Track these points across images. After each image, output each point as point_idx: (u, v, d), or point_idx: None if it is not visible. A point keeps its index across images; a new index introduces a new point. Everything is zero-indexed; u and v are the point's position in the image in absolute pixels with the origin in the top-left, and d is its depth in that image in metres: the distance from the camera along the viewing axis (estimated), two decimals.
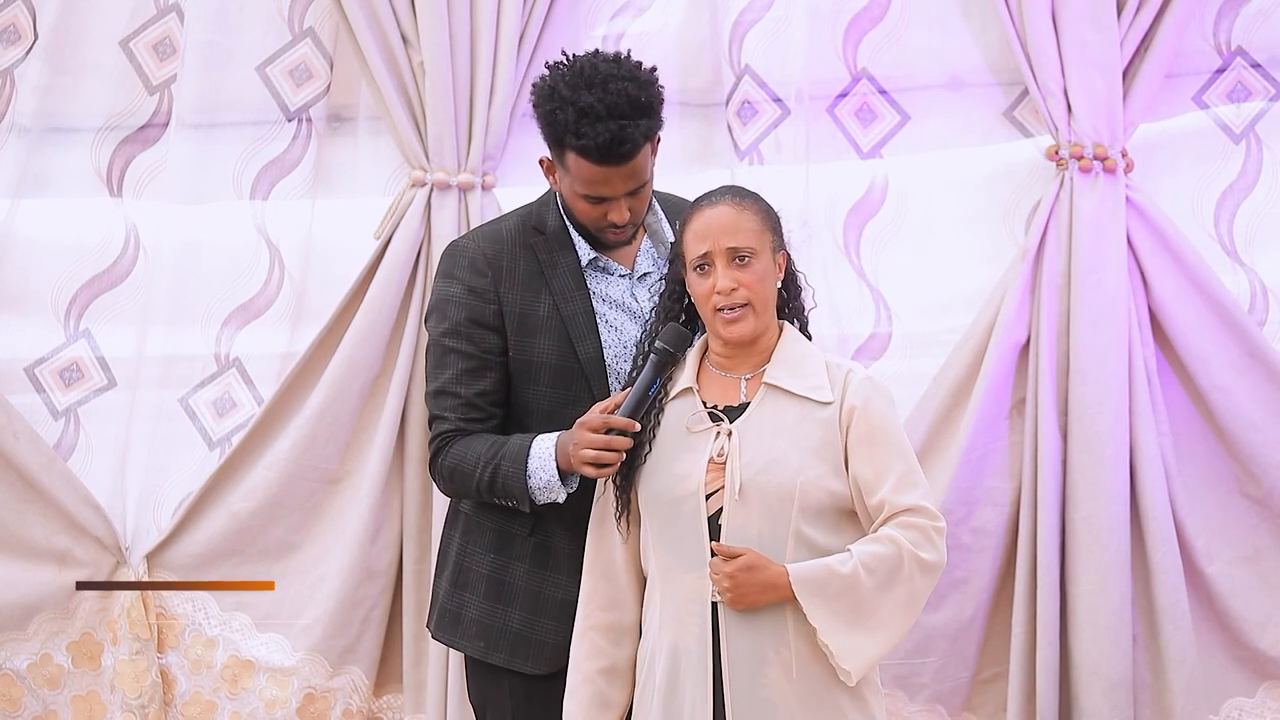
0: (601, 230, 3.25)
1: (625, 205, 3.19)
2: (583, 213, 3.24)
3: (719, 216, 3.06)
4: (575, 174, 3.17)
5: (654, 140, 3.19)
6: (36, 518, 4.36)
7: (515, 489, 3.19)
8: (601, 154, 3.10)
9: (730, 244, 3.04)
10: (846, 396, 3.05)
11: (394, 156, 4.42)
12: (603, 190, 3.17)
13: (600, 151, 3.09)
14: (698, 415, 3.09)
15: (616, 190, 3.17)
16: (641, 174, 3.17)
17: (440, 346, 3.32)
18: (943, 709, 4.21)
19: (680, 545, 3.05)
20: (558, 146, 3.17)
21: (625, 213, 3.20)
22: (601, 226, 3.24)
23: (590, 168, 3.13)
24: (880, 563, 2.97)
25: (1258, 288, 4.24)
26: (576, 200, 3.22)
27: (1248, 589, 4.12)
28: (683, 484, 3.05)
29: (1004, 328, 4.14)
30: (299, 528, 4.35)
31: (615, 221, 3.20)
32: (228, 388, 4.47)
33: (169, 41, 4.50)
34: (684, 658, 3.03)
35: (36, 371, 4.51)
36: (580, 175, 3.16)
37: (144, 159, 4.53)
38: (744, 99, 4.34)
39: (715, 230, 3.05)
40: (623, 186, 3.17)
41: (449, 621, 3.36)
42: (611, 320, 3.30)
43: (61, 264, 4.52)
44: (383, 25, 4.32)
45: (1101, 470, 4.07)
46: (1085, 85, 4.13)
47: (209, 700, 4.36)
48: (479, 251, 3.32)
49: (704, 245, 3.05)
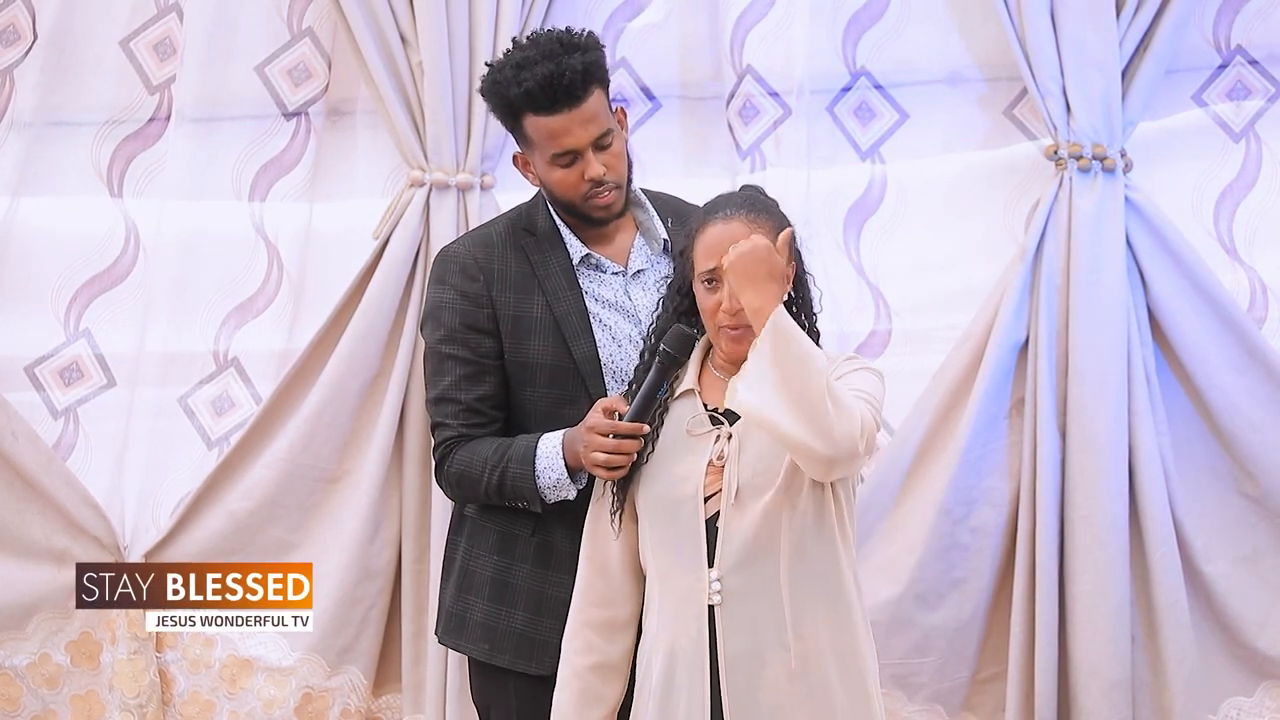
0: (587, 201, 3.24)
1: (597, 160, 3.20)
2: (561, 185, 3.23)
3: (732, 233, 3.02)
4: (537, 139, 3.19)
5: (604, 86, 3.21)
6: (35, 517, 4.36)
7: (525, 490, 3.19)
8: (547, 94, 3.13)
9: None
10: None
11: (393, 156, 4.42)
12: (566, 142, 3.18)
13: (544, 90, 3.13)
14: (698, 418, 3.08)
15: (580, 139, 3.18)
16: (600, 119, 3.19)
17: (437, 354, 3.32)
18: (941, 709, 4.21)
19: (678, 547, 3.05)
20: (512, 118, 3.21)
21: (599, 167, 3.20)
22: (585, 196, 3.23)
23: (546, 121, 3.16)
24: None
25: (1257, 286, 4.23)
26: (552, 174, 3.23)
27: (1246, 588, 4.11)
28: (682, 486, 3.05)
29: (1003, 327, 4.13)
30: (297, 527, 4.34)
31: (593, 177, 3.20)
32: (226, 387, 4.47)
33: (169, 41, 4.50)
34: (680, 659, 3.03)
35: (36, 370, 4.51)
36: (540, 134, 3.18)
37: (144, 158, 4.53)
38: (746, 98, 4.34)
39: (727, 247, 3.00)
40: (584, 134, 3.18)
41: (454, 625, 3.36)
42: (605, 319, 3.30)
43: (61, 263, 4.52)
44: (381, 25, 4.32)
45: (1100, 470, 4.06)
46: (1084, 84, 4.12)
47: (207, 700, 4.36)
48: (470, 256, 3.32)
49: (713, 261, 3.03)
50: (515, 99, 3.17)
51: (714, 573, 3.01)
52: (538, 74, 3.13)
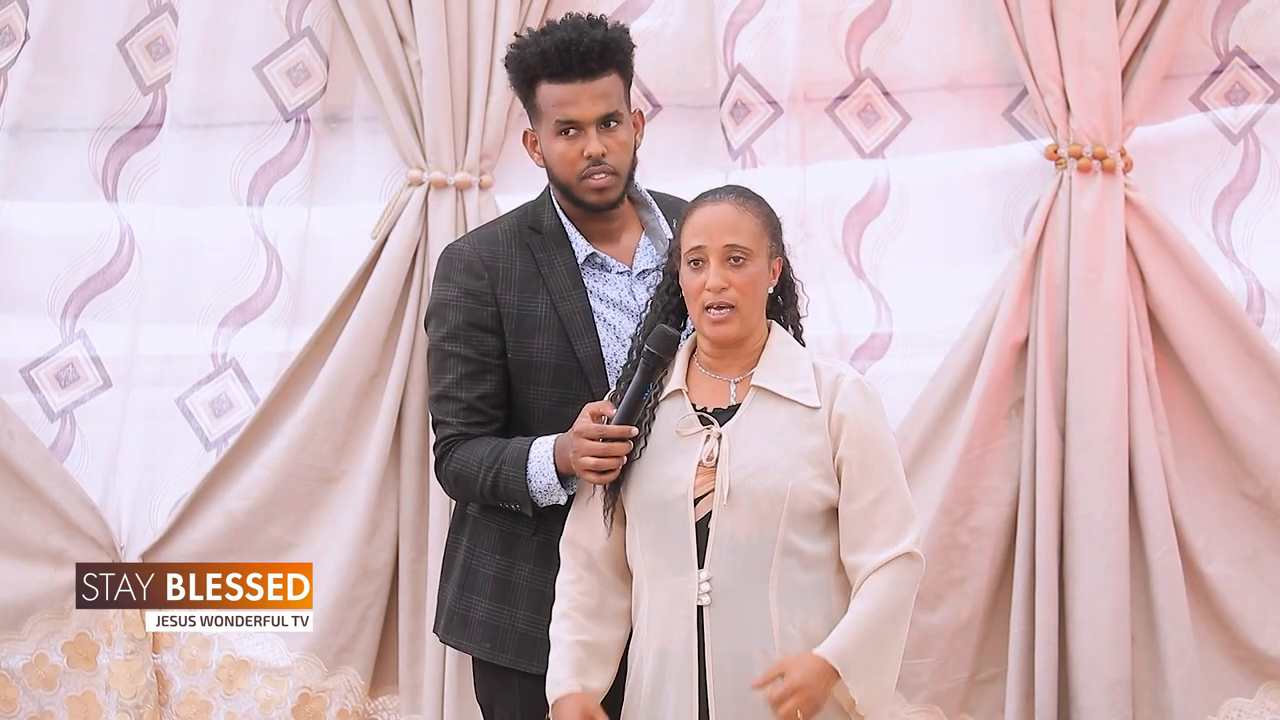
0: (582, 180, 3.24)
1: (599, 139, 3.20)
2: (560, 161, 3.23)
3: (720, 214, 3.05)
4: (544, 107, 3.22)
5: (624, 75, 3.25)
6: (32, 517, 4.35)
7: (517, 493, 3.19)
8: (562, 59, 3.17)
9: (727, 242, 3.03)
10: (835, 403, 3.04)
11: (391, 156, 4.42)
12: (571, 111, 3.19)
13: (560, 54, 3.17)
14: (687, 418, 3.08)
15: (585, 113, 3.19)
16: (610, 100, 3.21)
17: (440, 351, 3.31)
18: (940, 710, 4.20)
19: (668, 548, 3.04)
20: (527, 84, 3.24)
21: (599, 146, 3.20)
22: (580, 175, 3.23)
23: (557, 89, 3.19)
24: (892, 605, 3.00)
25: (1255, 288, 4.23)
26: (554, 147, 3.23)
27: (1246, 589, 4.11)
28: (672, 487, 3.04)
29: (1002, 327, 4.14)
30: (295, 527, 4.33)
31: (591, 154, 3.20)
32: (225, 388, 4.46)
33: (163, 41, 4.50)
34: (669, 661, 3.03)
35: (32, 373, 4.50)
36: (548, 101, 3.21)
37: (139, 159, 4.52)
38: (737, 98, 4.33)
39: (714, 227, 3.04)
40: (591, 109, 3.19)
41: (457, 624, 3.35)
42: (610, 319, 3.29)
43: (57, 265, 4.51)
44: (379, 24, 4.32)
45: (1100, 470, 4.06)
46: (1084, 83, 4.13)
47: (204, 700, 4.34)
48: (475, 254, 3.31)
49: (700, 240, 3.04)
50: (532, 60, 3.20)
51: (704, 573, 3.00)
52: (557, 38, 3.18)
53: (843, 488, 3.02)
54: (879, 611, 2.97)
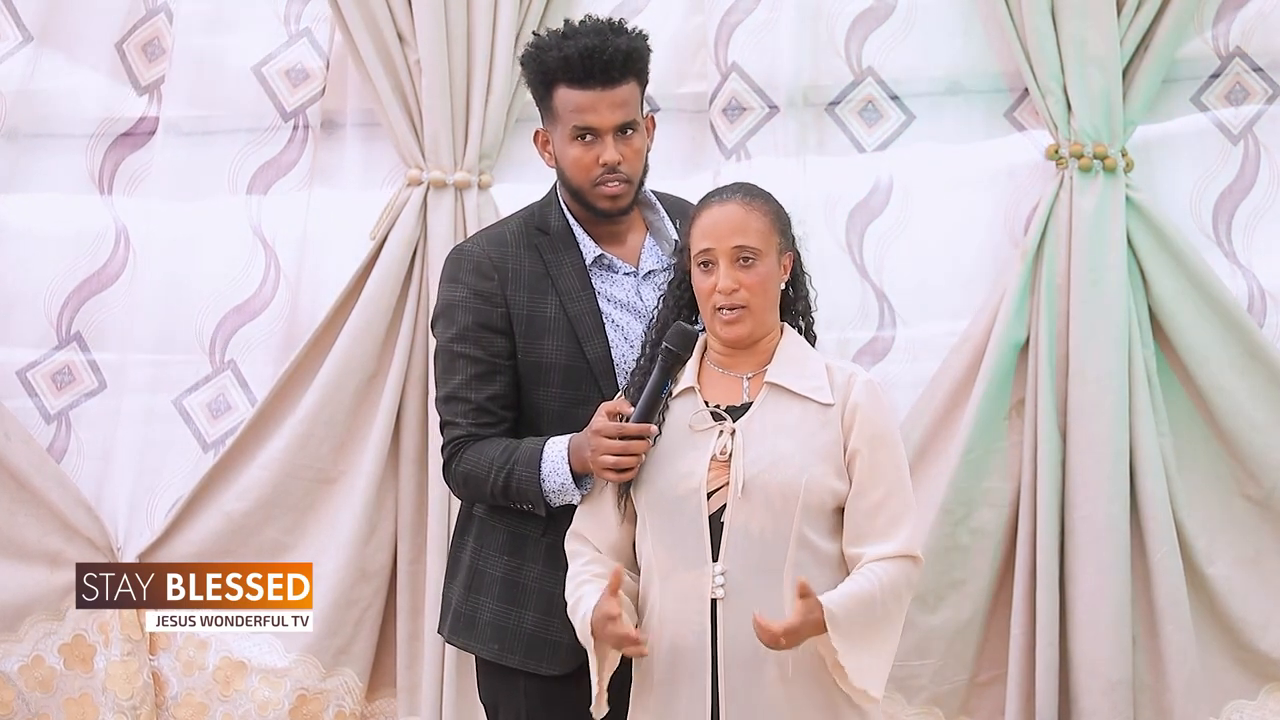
0: (595, 187, 3.23)
1: (615, 147, 3.20)
2: (575, 165, 3.22)
3: (727, 215, 3.05)
4: (562, 111, 3.20)
5: (641, 83, 3.24)
6: (28, 519, 4.35)
7: (530, 493, 3.18)
8: (584, 66, 3.15)
9: (735, 243, 3.03)
10: (849, 399, 3.05)
11: (390, 156, 4.42)
12: (589, 119, 3.18)
13: (583, 61, 3.15)
14: (700, 414, 3.08)
15: (604, 120, 3.18)
16: (628, 109, 3.20)
17: (449, 352, 3.30)
18: (940, 711, 4.20)
19: (681, 542, 3.04)
20: (545, 86, 3.22)
21: (615, 154, 3.19)
22: (594, 181, 3.22)
23: (576, 95, 3.17)
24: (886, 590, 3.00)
25: (1255, 289, 4.23)
26: (569, 151, 3.22)
27: (1248, 590, 4.11)
28: (685, 482, 3.04)
29: (1003, 328, 4.13)
30: (293, 528, 4.33)
31: (607, 162, 3.20)
32: (222, 390, 4.46)
33: (158, 42, 4.49)
34: (682, 655, 3.03)
35: (28, 375, 4.49)
36: (566, 106, 3.19)
37: (135, 160, 4.52)
38: (730, 97, 4.33)
39: (722, 228, 3.04)
40: (609, 117, 3.18)
41: (463, 625, 3.34)
42: (617, 320, 3.29)
43: (53, 268, 4.52)
44: (379, 24, 4.31)
45: (1101, 471, 4.06)
46: (1085, 83, 4.13)
47: (201, 702, 4.34)
48: (484, 255, 3.30)
49: (708, 242, 3.05)
50: (553, 64, 3.19)
51: (718, 566, 3.00)
52: (580, 44, 3.16)
53: (853, 482, 3.03)
54: (873, 589, 2.97)
